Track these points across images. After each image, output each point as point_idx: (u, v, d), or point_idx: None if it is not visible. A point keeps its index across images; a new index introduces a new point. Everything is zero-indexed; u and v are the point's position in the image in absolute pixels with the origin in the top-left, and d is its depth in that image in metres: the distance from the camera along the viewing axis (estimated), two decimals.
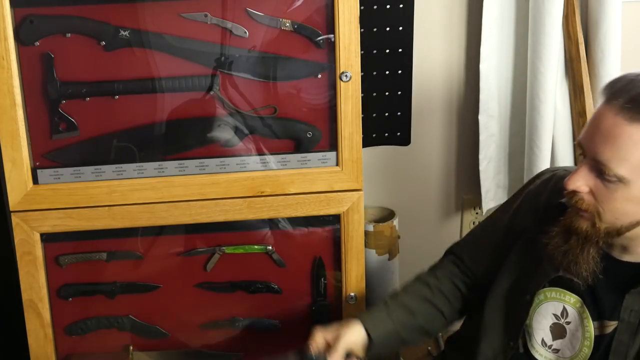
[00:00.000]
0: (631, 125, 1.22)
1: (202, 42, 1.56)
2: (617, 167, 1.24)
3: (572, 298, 1.42)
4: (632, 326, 1.34)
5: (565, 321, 1.43)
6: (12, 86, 1.51)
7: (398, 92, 2.08)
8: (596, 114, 1.28)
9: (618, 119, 1.23)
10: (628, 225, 1.29)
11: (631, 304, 1.34)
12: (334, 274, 1.72)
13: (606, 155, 1.25)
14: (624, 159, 1.23)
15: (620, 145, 1.23)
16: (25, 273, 1.62)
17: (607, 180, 1.26)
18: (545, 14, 1.94)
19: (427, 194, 2.25)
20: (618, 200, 1.26)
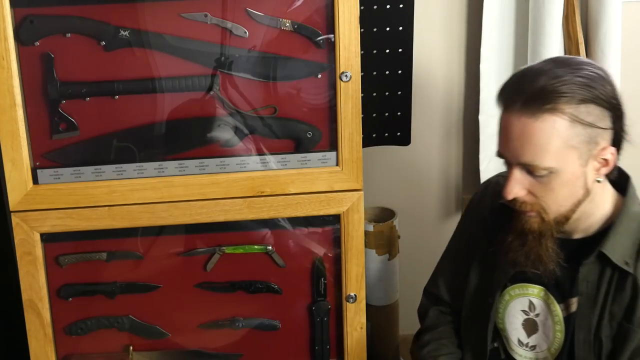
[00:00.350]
0: (536, 120, 1.28)
1: (202, 42, 1.56)
2: (542, 161, 1.30)
3: (535, 289, 1.46)
4: (590, 297, 1.39)
5: (534, 314, 1.47)
6: (12, 86, 1.51)
7: (398, 92, 2.08)
8: (502, 123, 1.34)
9: (523, 120, 1.29)
10: (572, 208, 1.35)
11: (586, 275, 1.39)
12: (334, 274, 1.72)
13: (528, 157, 1.30)
14: (545, 152, 1.29)
15: (536, 143, 1.29)
16: (25, 273, 1.62)
17: (539, 176, 1.32)
18: (545, 14, 1.94)
19: (427, 194, 2.25)
20: (555, 189, 1.32)
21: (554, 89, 1.27)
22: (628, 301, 1.36)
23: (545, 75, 1.29)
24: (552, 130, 1.28)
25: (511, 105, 1.31)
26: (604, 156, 1.34)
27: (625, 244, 1.36)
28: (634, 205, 1.40)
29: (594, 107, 1.29)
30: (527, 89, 1.29)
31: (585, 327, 1.40)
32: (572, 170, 1.31)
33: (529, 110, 1.28)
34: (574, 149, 1.30)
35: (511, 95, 1.32)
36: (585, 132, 1.29)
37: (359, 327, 1.72)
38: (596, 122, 1.30)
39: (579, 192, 1.34)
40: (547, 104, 1.27)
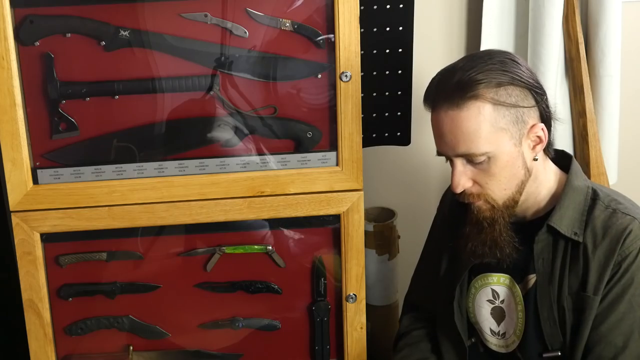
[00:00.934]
0: (461, 109, 1.36)
1: (202, 42, 1.56)
2: (477, 148, 1.37)
3: (495, 277, 1.52)
4: (547, 273, 1.45)
5: (499, 301, 1.53)
6: (12, 86, 1.51)
7: (398, 92, 2.08)
8: (434, 123, 1.42)
9: (450, 114, 1.37)
10: (517, 190, 1.42)
11: (541, 252, 1.45)
12: (334, 274, 1.72)
13: (463, 147, 1.38)
14: (477, 139, 1.36)
15: (467, 131, 1.36)
16: (25, 273, 1.62)
17: (479, 164, 1.39)
18: (545, 14, 1.94)
19: (427, 194, 2.25)
20: (497, 173, 1.39)
21: (470, 78, 1.36)
22: (582, 270, 1.41)
23: (460, 70, 1.38)
24: (479, 117, 1.35)
25: (437, 103, 1.39)
26: (535, 133, 1.41)
27: (573, 216, 1.43)
28: (578, 180, 1.47)
29: (512, 89, 1.37)
30: (447, 85, 1.38)
31: (547, 303, 1.45)
32: (508, 152, 1.38)
33: (453, 103, 1.36)
34: (504, 131, 1.37)
35: (435, 95, 1.40)
36: (510, 112, 1.36)
37: (359, 327, 1.72)
38: (519, 102, 1.37)
39: (520, 172, 1.41)
40: (467, 92, 1.35)
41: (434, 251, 1.67)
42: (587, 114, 2.01)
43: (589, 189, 1.46)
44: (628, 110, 2.15)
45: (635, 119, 2.20)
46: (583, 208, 1.44)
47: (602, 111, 2.04)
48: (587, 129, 2.00)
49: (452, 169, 1.42)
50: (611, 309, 1.40)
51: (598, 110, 2.04)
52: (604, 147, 2.06)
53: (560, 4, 1.94)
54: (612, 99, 2.03)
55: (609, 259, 1.39)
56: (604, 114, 2.04)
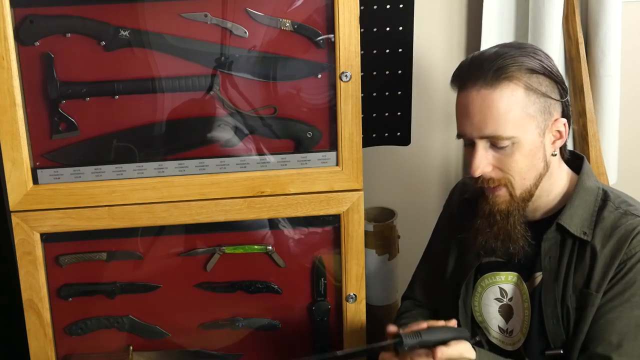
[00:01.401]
0: (495, 90, 1.36)
1: (202, 42, 1.56)
2: (505, 131, 1.37)
3: (503, 275, 1.52)
4: (553, 271, 1.45)
5: (507, 299, 1.53)
6: (12, 86, 1.51)
7: (398, 92, 2.08)
8: (462, 102, 1.41)
9: (482, 92, 1.37)
10: (535, 182, 1.42)
11: (548, 251, 1.45)
12: (334, 274, 1.72)
13: (491, 128, 1.37)
14: (506, 121, 1.36)
15: (497, 112, 1.36)
16: (25, 273, 1.62)
17: (502, 149, 1.38)
18: (545, 14, 1.94)
19: (427, 194, 2.25)
20: (519, 160, 1.39)
21: (505, 61, 1.37)
22: (587, 269, 1.42)
23: (494, 54, 1.40)
24: (511, 99, 1.36)
25: (468, 83, 1.39)
26: (557, 128, 1.42)
27: (582, 216, 1.43)
28: (589, 181, 1.48)
29: (543, 78, 1.38)
30: (481, 66, 1.38)
31: (551, 301, 1.45)
32: (532, 140, 1.39)
33: (487, 83, 1.36)
34: (532, 118, 1.38)
35: (466, 74, 1.40)
36: (539, 101, 1.38)
37: (359, 327, 1.72)
38: (548, 93, 1.39)
39: (540, 164, 1.41)
40: (503, 73, 1.36)
41: (438, 251, 1.67)
42: (587, 114, 2.01)
43: (599, 189, 1.47)
44: (628, 110, 2.15)
45: (635, 119, 2.20)
46: (593, 208, 1.44)
47: (602, 111, 2.04)
48: (587, 129, 2.00)
49: (474, 152, 1.40)
50: (609, 306, 1.40)
51: (598, 110, 2.04)
52: (604, 147, 2.06)
53: (560, 4, 1.94)
54: (612, 99, 2.03)
55: (614, 258, 1.39)
56: (604, 114, 2.04)
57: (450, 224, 1.64)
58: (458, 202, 1.62)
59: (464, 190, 1.63)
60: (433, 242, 1.73)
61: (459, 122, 1.43)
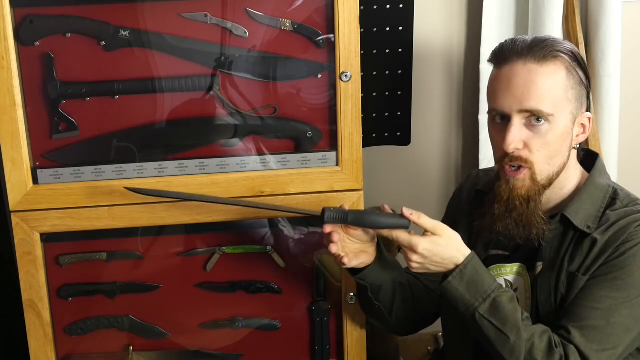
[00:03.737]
0: (542, 65, 1.39)
1: (202, 42, 1.56)
2: (545, 106, 1.38)
3: (508, 267, 1.52)
4: (552, 260, 1.45)
5: (513, 290, 1.52)
6: (12, 86, 1.51)
7: (398, 92, 2.08)
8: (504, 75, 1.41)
9: (529, 66, 1.39)
10: (557, 171, 1.43)
11: (550, 241, 1.46)
12: (334, 274, 1.72)
13: (534, 101, 1.38)
14: (548, 97, 1.38)
15: (541, 87, 1.38)
16: (25, 273, 1.62)
17: (537, 127, 1.39)
18: (545, 14, 1.94)
19: (427, 194, 2.25)
20: (550, 142, 1.40)
21: (553, 43, 1.41)
22: (584, 257, 1.42)
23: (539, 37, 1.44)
24: (556, 76, 1.39)
25: (514, 56, 1.41)
26: (583, 121, 1.45)
27: (588, 211, 1.44)
28: (601, 178, 1.48)
29: (580, 69, 1.42)
30: (527, 43, 1.41)
31: (546, 289, 1.46)
32: (565, 124, 1.41)
33: (535, 58, 1.39)
34: (569, 102, 1.41)
35: (510, 50, 1.42)
36: (577, 87, 1.41)
37: (359, 327, 1.72)
38: (583, 82, 1.43)
39: (566, 152, 1.43)
40: (550, 51, 1.40)
41: None
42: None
43: (609, 187, 1.47)
44: (628, 110, 2.15)
45: (635, 119, 2.20)
46: (600, 205, 1.45)
47: (602, 111, 2.04)
48: None
49: (509, 127, 1.40)
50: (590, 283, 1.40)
51: (598, 110, 2.04)
52: (604, 147, 2.06)
53: (560, 4, 1.94)
54: (612, 99, 2.03)
55: (609, 245, 1.40)
56: (604, 114, 2.04)
57: (458, 214, 1.64)
58: (469, 192, 1.62)
59: (476, 182, 1.63)
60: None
61: (498, 95, 1.43)
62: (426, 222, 1.42)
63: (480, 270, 1.42)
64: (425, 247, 1.40)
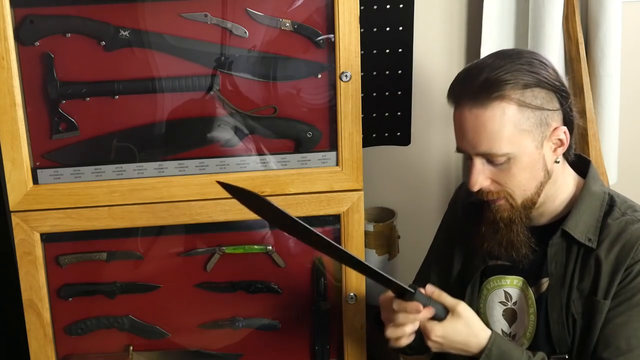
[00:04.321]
0: (486, 109, 1.35)
1: (202, 42, 1.56)
2: (499, 149, 1.36)
3: (509, 279, 1.52)
4: (559, 277, 1.45)
5: (512, 303, 1.53)
6: (12, 86, 1.51)
7: (398, 92, 2.08)
8: (456, 119, 1.41)
9: (474, 112, 1.36)
10: (536, 191, 1.41)
11: (554, 256, 1.45)
12: (334, 274, 1.72)
13: (485, 146, 1.37)
14: (500, 139, 1.35)
15: (489, 131, 1.35)
16: (25, 273, 1.62)
17: (499, 164, 1.38)
18: (545, 14, 1.94)
19: (427, 194, 2.25)
20: (517, 174, 1.38)
21: (497, 78, 1.34)
22: (593, 275, 1.41)
23: (487, 68, 1.37)
24: (503, 117, 1.34)
25: (461, 100, 1.38)
26: (557, 136, 1.40)
27: (587, 222, 1.43)
28: (595, 185, 1.47)
29: (539, 91, 1.36)
30: (473, 83, 1.36)
31: (557, 306, 1.45)
32: (529, 153, 1.37)
33: (478, 102, 1.35)
34: (527, 133, 1.36)
35: (459, 92, 1.39)
36: (534, 115, 1.36)
37: (359, 327, 1.72)
38: (544, 105, 1.36)
39: (540, 174, 1.40)
40: (493, 92, 1.34)
41: (442, 250, 1.66)
42: (587, 114, 2.01)
43: (605, 194, 1.46)
44: (628, 110, 2.15)
45: (635, 119, 2.20)
46: (599, 214, 1.43)
47: (602, 111, 2.04)
48: (587, 129, 2.00)
49: (471, 167, 1.41)
50: (617, 311, 1.40)
51: (598, 110, 2.04)
52: (604, 147, 2.06)
53: (560, 4, 1.94)
54: (612, 99, 2.03)
55: (620, 264, 1.39)
56: (604, 114, 2.04)
57: (455, 225, 1.63)
58: (464, 204, 1.61)
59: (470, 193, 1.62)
60: (437, 240, 1.72)
61: (456, 137, 1.43)
62: (447, 301, 1.41)
63: (506, 348, 1.41)
64: (438, 334, 1.39)
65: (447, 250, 1.64)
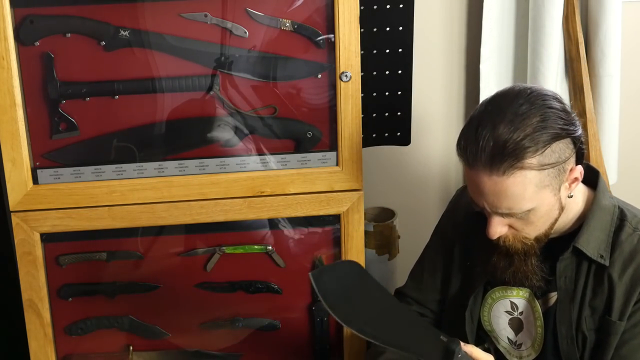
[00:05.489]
0: (508, 177, 1.29)
1: (202, 42, 1.56)
2: (521, 208, 1.33)
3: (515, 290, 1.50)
4: (569, 292, 1.43)
5: (518, 313, 1.51)
6: (12, 86, 1.51)
7: (398, 92, 2.08)
8: (472, 179, 1.34)
9: (494, 178, 1.30)
10: (551, 226, 1.40)
11: (564, 271, 1.43)
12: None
13: (506, 207, 1.33)
14: (521, 200, 1.32)
15: (512, 195, 1.31)
16: (25, 273, 1.62)
17: (519, 217, 1.35)
18: (545, 14, 1.94)
19: (427, 194, 2.25)
20: (534, 222, 1.37)
21: (516, 145, 1.27)
22: (607, 294, 1.40)
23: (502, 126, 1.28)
24: (525, 181, 1.30)
25: (477, 164, 1.31)
26: (574, 176, 1.37)
27: (599, 237, 1.41)
28: (605, 199, 1.45)
29: (556, 144, 1.30)
30: (489, 146, 1.28)
31: (566, 321, 1.44)
32: (548, 203, 1.35)
33: (498, 170, 1.29)
34: (546, 187, 1.33)
35: (474, 154, 1.31)
36: (553, 170, 1.32)
37: None
38: (561, 157, 1.31)
39: (555, 214, 1.39)
40: (514, 161, 1.27)
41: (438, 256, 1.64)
42: (587, 114, 2.00)
43: (615, 207, 1.44)
44: (628, 110, 2.15)
45: (635, 119, 2.20)
46: (610, 229, 1.41)
47: (602, 111, 2.04)
48: (587, 129, 2.00)
49: (490, 220, 1.37)
50: (633, 332, 1.39)
51: (598, 110, 2.04)
52: (604, 147, 2.06)
53: (560, 4, 1.94)
54: (612, 99, 2.03)
55: (635, 284, 1.37)
56: (604, 114, 2.04)
57: (456, 230, 1.60)
58: (466, 212, 1.55)
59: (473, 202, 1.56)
60: (433, 242, 1.70)
61: (473, 193, 1.37)
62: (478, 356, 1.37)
63: None
64: None
65: (444, 253, 1.62)
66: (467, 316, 1.54)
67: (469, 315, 1.54)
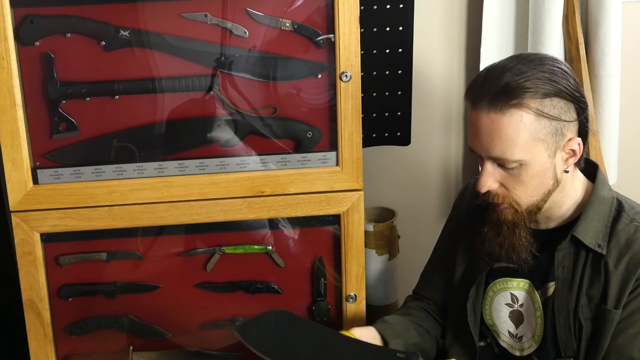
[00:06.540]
0: (504, 115, 1.33)
1: (202, 42, 1.56)
2: (512, 155, 1.35)
3: (515, 282, 1.52)
4: (567, 281, 1.44)
5: (518, 305, 1.53)
6: (12, 86, 1.51)
7: (398, 92, 2.08)
8: (472, 120, 1.39)
9: (491, 116, 1.34)
10: (543, 198, 1.41)
11: (562, 260, 1.45)
12: (334, 274, 1.72)
13: (498, 150, 1.36)
14: (514, 145, 1.34)
15: (505, 137, 1.34)
16: (25, 273, 1.62)
17: (510, 169, 1.37)
18: (545, 14, 1.94)
19: (427, 194, 2.25)
20: (526, 180, 1.38)
21: (518, 85, 1.32)
22: (603, 283, 1.41)
23: (509, 72, 1.34)
24: (520, 124, 1.33)
25: (479, 102, 1.36)
26: (571, 147, 1.39)
27: (597, 227, 1.42)
28: (604, 191, 1.46)
29: (558, 101, 1.34)
30: (493, 86, 1.35)
31: (564, 310, 1.45)
32: (541, 162, 1.37)
33: (496, 107, 1.34)
34: (541, 142, 1.35)
35: (478, 93, 1.37)
36: (551, 124, 1.35)
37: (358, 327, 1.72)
38: (561, 115, 1.35)
39: (549, 182, 1.40)
40: (513, 99, 1.32)
41: (445, 251, 1.66)
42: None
43: (614, 199, 1.45)
44: (628, 110, 2.15)
45: (635, 119, 2.20)
46: (607, 219, 1.43)
47: (602, 111, 2.04)
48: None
49: (481, 169, 1.40)
50: (629, 321, 1.39)
51: (598, 110, 2.04)
52: (604, 147, 2.06)
53: (560, 4, 1.94)
54: (612, 99, 2.03)
55: (631, 273, 1.38)
56: (604, 114, 2.04)
57: (459, 226, 1.63)
58: (468, 207, 1.60)
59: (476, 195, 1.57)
60: (441, 242, 1.72)
61: (470, 137, 1.42)
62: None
63: None
64: None
65: (451, 251, 1.64)
66: (468, 308, 1.55)
67: (470, 308, 1.55)
